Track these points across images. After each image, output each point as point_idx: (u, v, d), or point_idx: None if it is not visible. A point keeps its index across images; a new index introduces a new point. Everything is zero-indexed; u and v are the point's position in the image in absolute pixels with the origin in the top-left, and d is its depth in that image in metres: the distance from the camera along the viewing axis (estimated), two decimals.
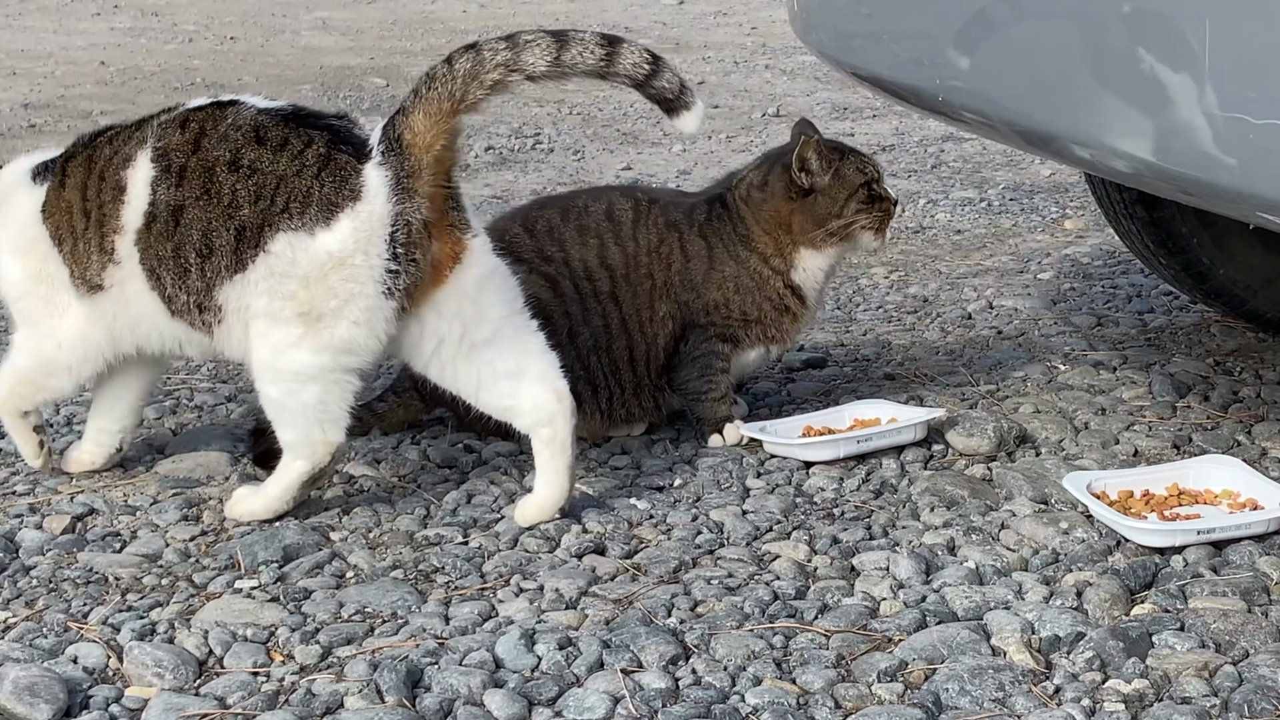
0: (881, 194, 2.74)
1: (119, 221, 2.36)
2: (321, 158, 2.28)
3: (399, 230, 2.26)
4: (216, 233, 2.29)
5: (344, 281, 2.26)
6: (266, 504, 2.38)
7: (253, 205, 2.27)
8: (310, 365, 2.29)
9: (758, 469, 2.64)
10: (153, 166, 2.33)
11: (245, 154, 2.29)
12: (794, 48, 8.59)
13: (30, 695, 1.85)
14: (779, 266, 2.74)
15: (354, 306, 2.27)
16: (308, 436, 2.34)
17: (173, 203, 2.31)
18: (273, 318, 2.29)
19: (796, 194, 2.72)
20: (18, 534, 2.37)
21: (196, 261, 2.30)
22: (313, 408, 2.32)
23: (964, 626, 2.02)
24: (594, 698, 1.86)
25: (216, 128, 2.32)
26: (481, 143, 5.92)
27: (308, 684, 1.91)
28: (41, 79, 7.33)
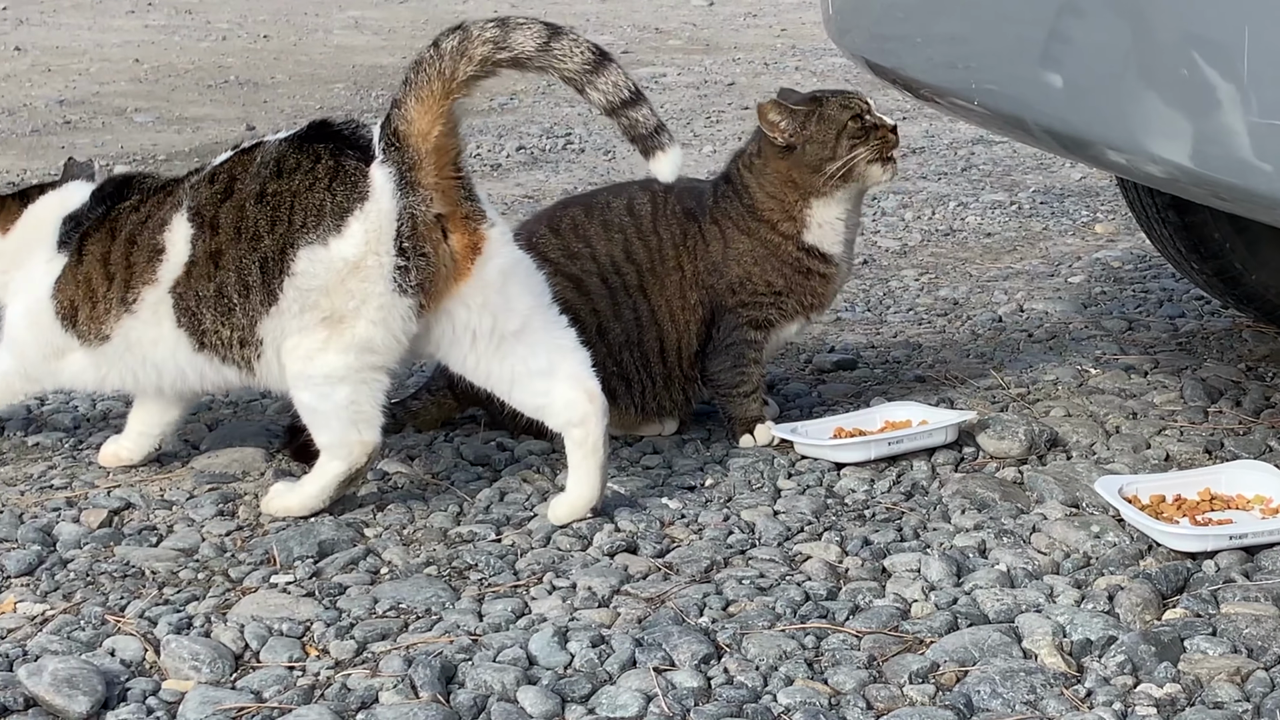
0: (875, 122, 2.70)
1: (154, 276, 2.40)
2: (331, 169, 2.30)
3: (404, 225, 2.27)
4: (248, 269, 2.32)
5: (360, 283, 2.28)
6: (302, 502, 2.40)
7: (272, 233, 2.30)
8: (337, 366, 2.31)
9: (789, 470, 2.65)
10: (190, 225, 2.37)
11: (268, 187, 2.32)
12: (824, 49, 8.59)
13: (69, 687, 1.87)
14: (788, 231, 2.74)
15: (370, 306, 2.29)
16: (343, 438, 2.36)
17: (210, 250, 2.35)
18: (301, 330, 2.31)
19: (784, 151, 2.71)
20: (55, 527, 2.39)
21: (239, 300, 2.33)
22: (345, 408, 2.34)
23: (995, 629, 2.03)
24: (627, 695, 1.88)
25: (245, 171, 2.36)
26: (513, 143, 5.94)
27: (343, 679, 1.92)
28: (76, 76, 7.38)
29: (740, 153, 2.81)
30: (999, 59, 2.31)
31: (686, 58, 8.40)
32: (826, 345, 3.40)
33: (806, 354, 3.33)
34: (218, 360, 2.41)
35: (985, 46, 2.32)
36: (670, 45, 8.91)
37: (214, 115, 6.49)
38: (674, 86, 7.46)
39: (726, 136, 6.20)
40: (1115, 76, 2.06)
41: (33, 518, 2.42)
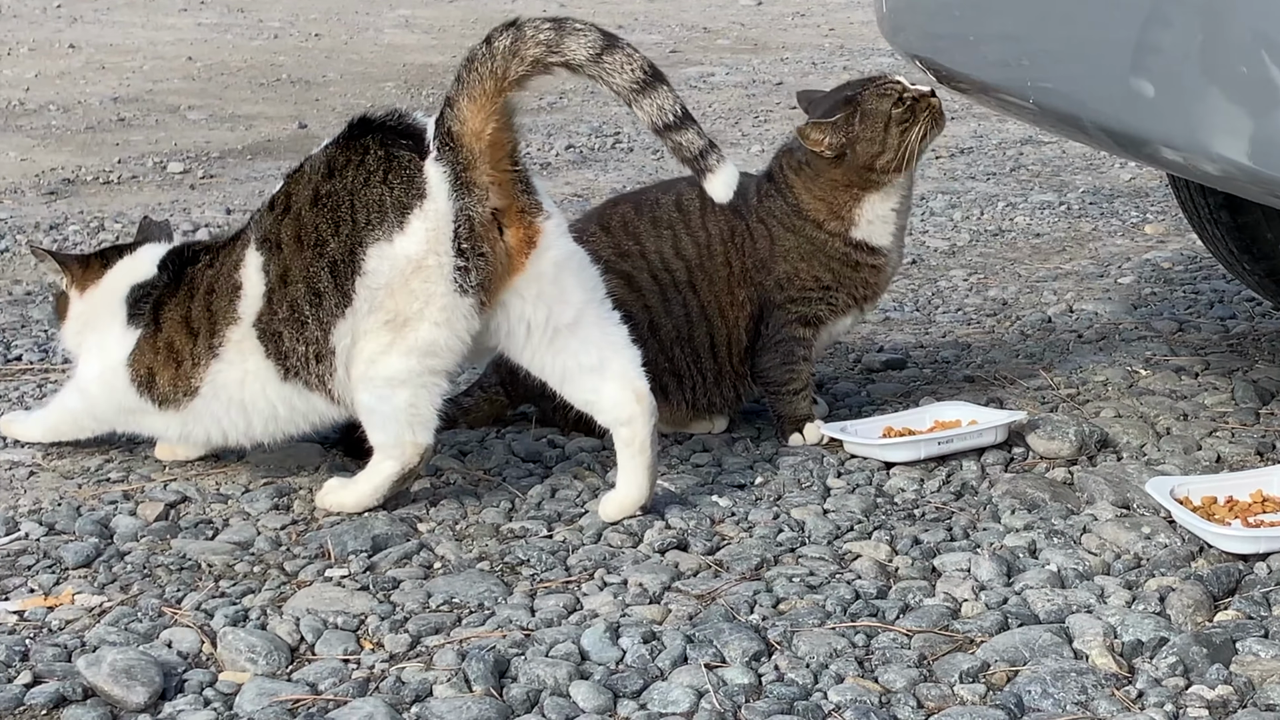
0: (914, 97, 2.68)
1: (235, 314, 2.42)
2: (382, 159, 2.31)
3: (462, 226, 2.28)
4: (318, 276, 2.34)
5: (423, 283, 2.29)
6: (356, 499, 2.42)
7: (337, 235, 2.32)
8: (400, 370, 2.33)
9: (838, 469, 2.66)
10: (259, 253, 2.39)
11: (322, 190, 2.33)
12: (872, 49, 8.58)
13: (127, 678, 1.89)
14: (835, 229, 2.74)
15: (433, 307, 2.30)
16: (398, 439, 2.38)
17: (281, 270, 2.37)
18: (366, 333, 2.33)
19: (835, 160, 2.71)
20: (112, 520, 2.42)
21: (312, 311, 2.35)
22: (404, 411, 2.36)
23: (1046, 629, 2.03)
24: (678, 691, 1.89)
25: (298, 184, 2.37)
26: (562, 141, 5.96)
27: (397, 672, 1.94)
28: (130, 74, 7.44)
29: (786, 152, 2.81)
30: (1055, 57, 2.31)
31: (734, 57, 8.40)
32: (875, 344, 3.41)
33: (855, 353, 3.33)
34: (302, 385, 2.42)
35: (1041, 45, 2.32)
36: (718, 45, 8.91)
37: (266, 113, 6.53)
38: (722, 86, 7.46)
39: (774, 136, 6.20)
40: (1173, 74, 2.05)
41: (90, 510, 2.45)
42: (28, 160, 5.58)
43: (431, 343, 2.32)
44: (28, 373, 3.20)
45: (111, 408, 2.59)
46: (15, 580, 2.23)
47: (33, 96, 6.78)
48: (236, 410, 2.47)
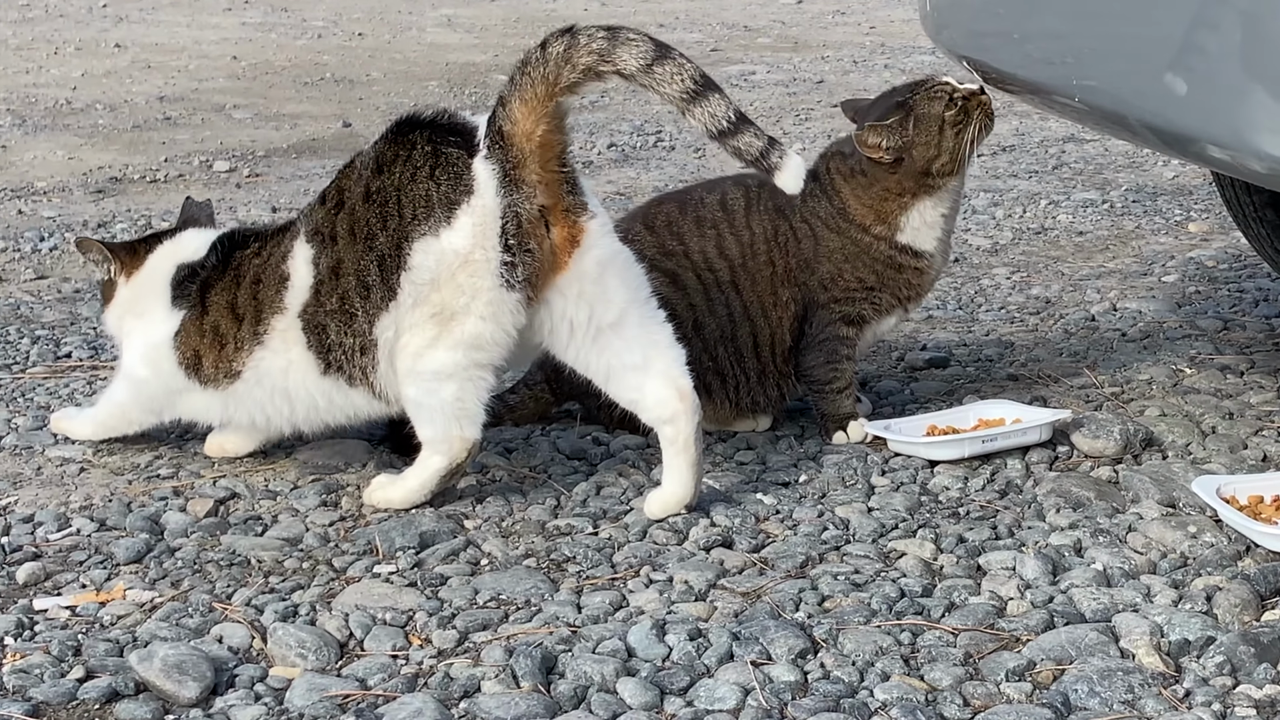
0: (965, 96, 2.68)
1: (281, 304, 2.46)
2: (429, 155, 2.33)
3: (509, 223, 2.30)
4: (367, 270, 2.37)
5: (469, 278, 2.32)
6: (404, 495, 2.44)
7: (385, 229, 2.35)
8: (446, 364, 2.35)
9: (882, 467, 2.66)
10: (309, 245, 2.43)
11: (371, 186, 2.36)
12: (913, 47, 8.56)
13: (179, 673, 1.91)
14: (881, 233, 2.74)
15: (479, 301, 2.32)
16: (446, 433, 2.39)
17: (331, 261, 2.40)
18: (412, 327, 2.35)
19: (893, 166, 2.70)
20: (162, 516, 2.45)
21: (360, 304, 2.38)
22: (451, 405, 2.38)
23: (1092, 628, 2.03)
24: (725, 688, 1.90)
25: (348, 181, 2.41)
26: (604, 140, 5.97)
27: (445, 668, 1.96)
28: (175, 73, 7.49)
29: (835, 155, 2.80)
30: (1101, 55, 2.31)
31: (775, 55, 8.40)
32: (919, 343, 3.41)
33: (899, 351, 3.33)
34: (344, 381, 2.45)
35: (1087, 42, 2.32)
36: (759, 43, 8.90)
37: (311, 112, 6.57)
38: (763, 84, 7.46)
39: (816, 134, 6.20)
40: (1220, 72, 2.05)
41: (141, 506, 2.48)
42: (75, 159, 5.63)
43: (477, 336, 2.34)
44: (77, 370, 3.23)
45: (158, 389, 2.62)
46: (67, 576, 2.26)
47: (79, 96, 6.84)
48: (280, 397, 2.51)
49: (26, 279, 4.04)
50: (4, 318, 3.66)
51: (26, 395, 3.07)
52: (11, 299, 3.84)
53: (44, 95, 6.81)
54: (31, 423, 2.88)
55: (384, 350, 2.39)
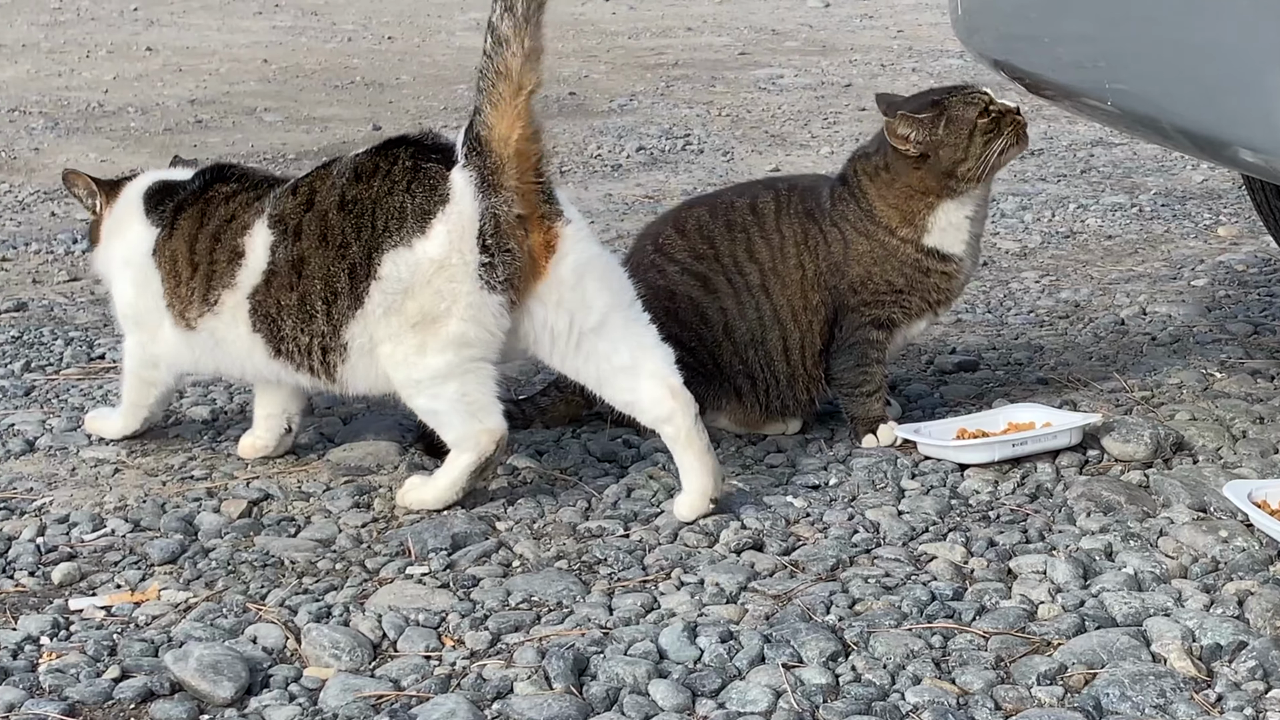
0: (1001, 110, 2.70)
1: (233, 280, 2.50)
2: (408, 170, 2.37)
3: (487, 224, 2.33)
4: (336, 275, 2.40)
5: (447, 283, 2.34)
6: (437, 495, 2.45)
7: (359, 239, 2.38)
8: (439, 366, 2.38)
9: (912, 470, 2.66)
10: (271, 232, 2.47)
11: (347, 194, 2.40)
12: (940, 51, 8.55)
13: (214, 673, 1.93)
14: (908, 236, 2.74)
15: (460, 305, 2.35)
16: (466, 430, 2.41)
17: (292, 258, 2.44)
18: (393, 339, 2.38)
19: (918, 161, 2.71)
20: (196, 517, 2.46)
21: (323, 308, 2.42)
22: (459, 402, 2.40)
23: (1124, 632, 2.03)
24: (756, 691, 1.90)
25: (322, 183, 2.45)
26: (633, 143, 5.99)
27: (478, 669, 1.97)
28: (206, 76, 7.54)
29: (860, 156, 2.81)
30: (1135, 59, 2.31)
31: (803, 59, 8.40)
32: (948, 346, 3.41)
33: (928, 355, 3.33)
34: (292, 368, 2.50)
35: (1120, 47, 2.32)
36: (787, 47, 8.91)
37: (341, 115, 6.60)
38: (791, 88, 7.47)
39: (844, 138, 6.20)
40: (1255, 77, 2.05)
41: (175, 507, 2.50)
42: (107, 161, 5.66)
43: (461, 335, 2.36)
44: (110, 371, 3.26)
45: (146, 318, 2.65)
46: (102, 576, 2.27)
47: (112, 99, 6.88)
48: (234, 363, 2.57)
49: (60, 281, 4.07)
50: (38, 319, 3.69)
51: (60, 396, 3.09)
52: (45, 301, 3.87)
53: (76, 98, 6.86)
54: (66, 424, 2.90)
55: (357, 353, 2.42)
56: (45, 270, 4.20)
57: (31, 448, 2.79)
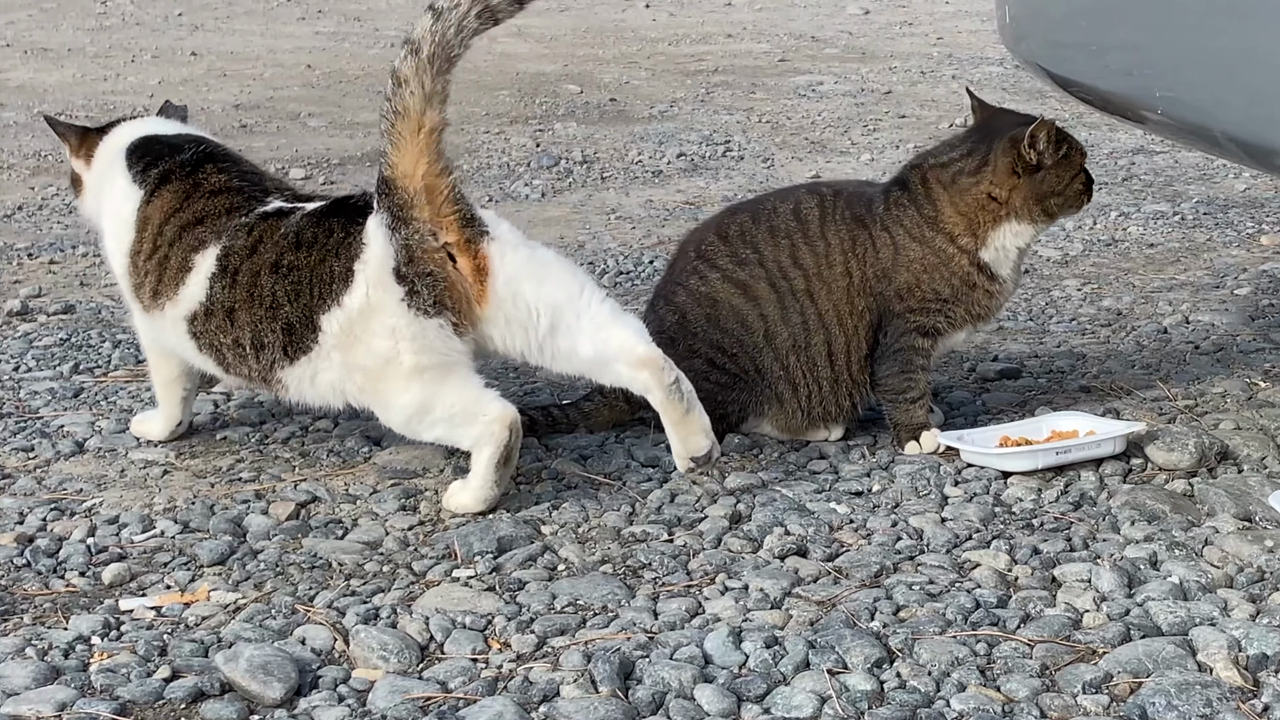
0: (1090, 176, 2.80)
1: (175, 296, 2.58)
2: (341, 235, 2.46)
3: (401, 256, 2.39)
4: (266, 330, 2.49)
5: (381, 320, 2.41)
6: (474, 496, 2.47)
7: (294, 302, 2.46)
8: (415, 399, 2.44)
9: (955, 477, 2.67)
10: (216, 263, 2.54)
11: (284, 259, 2.49)
12: (980, 58, 8.53)
13: (264, 674, 1.95)
14: (967, 245, 2.76)
15: (404, 339, 2.41)
16: (472, 429, 2.45)
17: (227, 301, 2.52)
18: (367, 392, 2.46)
19: (1023, 170, 2.73)
20: (245, 519, 2.49)
21: (255, 353, 2.51)
22: (454, 412, 2.45)
23: (1169, 641, 2.03)
24: (801, 696, 1.91)
25: (271, 233, 2.52)
26: (673, 149, 6.00)
27: (525, 672, 1.99)
28: (250, 81, 7.59)
29: (934, 163, 2.80)
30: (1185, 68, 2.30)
31: (843, 66, 8.40)
32: (990, 354, 3.41)
33: (970, 362, 3.33)
34: (241, 380, 2.60)
35: (1171, 55, 2.31)
36: (826, 53, 8.91)
37: None
38: (831, 95, 7.47)
39: (884, 144, 6.20)
40: None
41: (223, 509, 2.52)
42: None
43: (418, 364, 2.41)
44: None
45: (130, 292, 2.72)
46: (152, 577, 2.30)
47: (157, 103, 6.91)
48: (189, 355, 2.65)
49: (107, 284, 4.11)
50: (86, 322, 3.72)
51: (109, 398, 3.12)
52: (93, 303, 3.90)
53: (122, 102, 6.91)
54: (114, 425, 2.93)
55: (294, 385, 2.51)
56: (92, 273, 4.24)
57: (81, 449, 2.82)
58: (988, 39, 9.23)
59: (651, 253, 4.45)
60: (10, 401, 3.10)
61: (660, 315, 2.84)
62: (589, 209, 5.08)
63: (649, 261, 4.33)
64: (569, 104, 7.07)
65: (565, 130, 6.45)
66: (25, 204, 5.14)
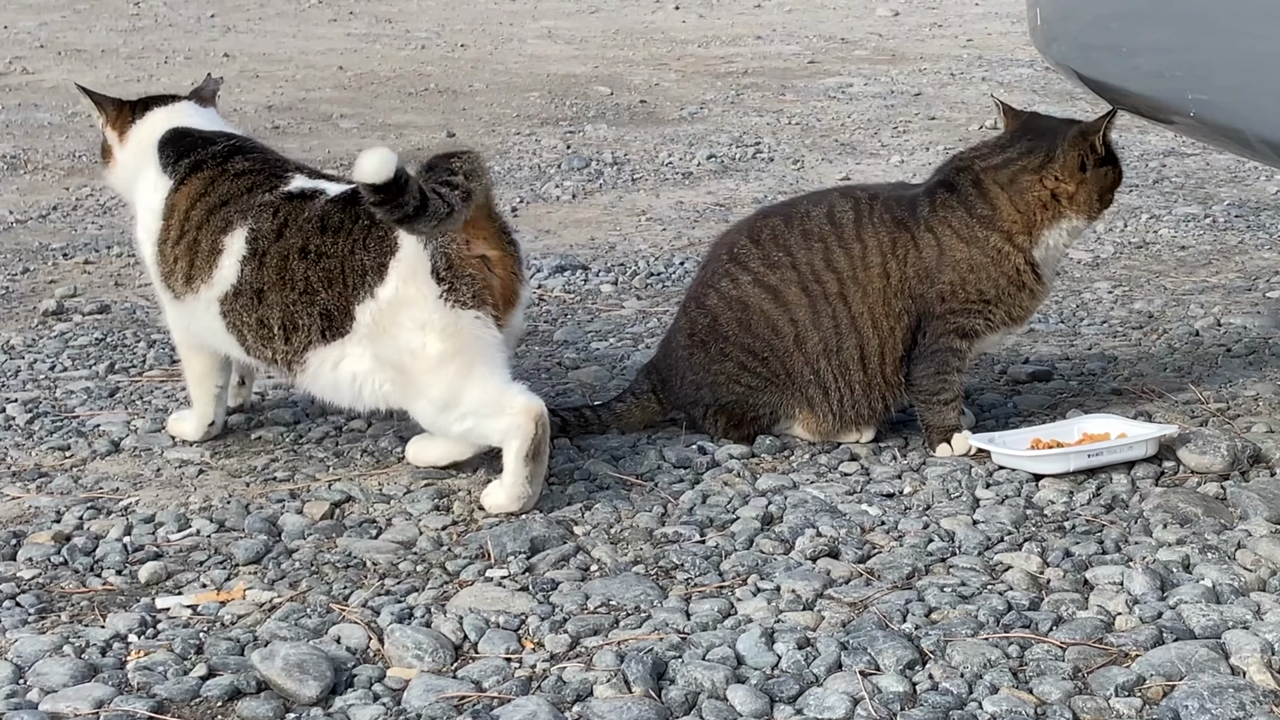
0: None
1: (210, 278, 2.62)
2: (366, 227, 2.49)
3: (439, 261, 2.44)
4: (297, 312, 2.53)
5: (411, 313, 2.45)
6: (508, 494, 2.49)
7: (329, 288, 2.49)
8: (443, 391, 2.47)
9: (986, 480, 2.67)
10: (245, 245, 2.58)
11: (311, 244, 2.53)
12: (1010, 60, 8.52)
13: (300, 672, 1.96)
14: (1022, 244, 2.77)
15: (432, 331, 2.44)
16: (498, 423, 2.47)
17: (255, 283, 2.56)
18: (400, 386, 2.50)
19: (1091, 164, 2.75)
20: (280, 518, 2.50)
21: (281, 334, 2.55)
22: (481, 405, 2.47)
23: (1202, 644, 2.03)
24: (834, 698, 1.92)
25: (298, 214, 2.56)
26: (703, 151, 6.00)
27: (558, 671, 2.00)
28: (283, 82, 7.62)
29: (984, 166, 2.80)
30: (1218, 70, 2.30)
31: (872, 68, 8.39)
32: (1021, 356, 3.41)
33: (1001, 365, 3.33)
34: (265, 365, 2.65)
35: (1204, 58, 2.31)
36: (856, 55, 8.90)
37: (415, 122, 6.66)
38: (860, 96, 7.46)
39: (914, 146, 6.19)
40: None
41: (258, 508, 2.54)
42: None
43: (441, 354, 2.44)
44: None
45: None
46: (188, 575, 2.32)
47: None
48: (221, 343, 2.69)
49: (142, 283, 4.13)
50: (121, 322, 3.75)
51: (144, 398, 3.15)
52: (127, 303, 3.93)
53: None
54: (150, 425, 2.95)
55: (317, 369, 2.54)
56: (127, 273, 4.26)
57: (117, 448, 2.85)
58: (1017, 41, 9.22)
59: (682, 254, 4.46)
60: (47, 400, 3.13)
61: (692, 318, 2.85)
62: (619, 210, 5.09)
63: (679, 263, 4.34)
64: (599, 105, 7.08)
65: (596, 132, 6.46)
66: (60, 204, 5.17)
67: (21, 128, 6.46)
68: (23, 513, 2.54)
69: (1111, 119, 2.75)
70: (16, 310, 3.88)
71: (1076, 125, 2.78)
